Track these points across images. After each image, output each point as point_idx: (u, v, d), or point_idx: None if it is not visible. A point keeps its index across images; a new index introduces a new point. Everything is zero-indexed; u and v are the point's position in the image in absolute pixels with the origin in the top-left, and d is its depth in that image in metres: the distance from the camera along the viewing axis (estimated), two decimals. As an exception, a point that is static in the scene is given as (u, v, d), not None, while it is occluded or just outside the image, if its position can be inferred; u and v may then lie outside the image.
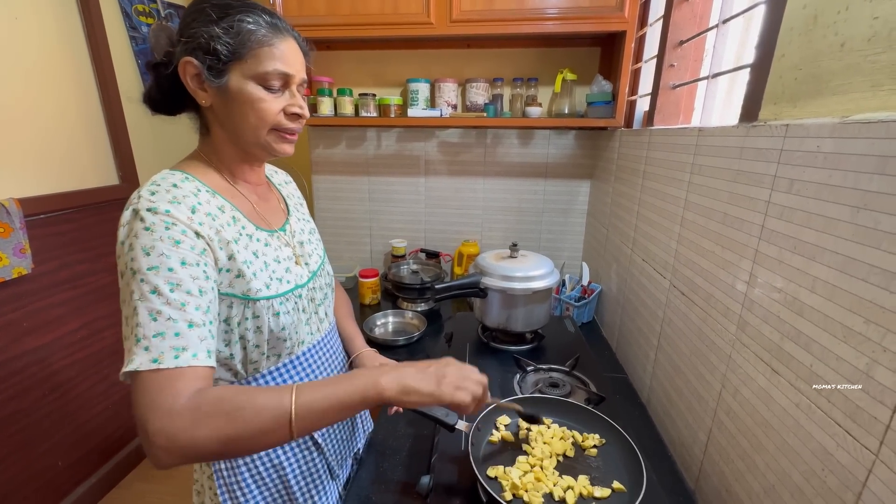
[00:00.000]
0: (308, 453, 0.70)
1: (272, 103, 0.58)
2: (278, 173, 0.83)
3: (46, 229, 1.44)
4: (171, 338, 0.48)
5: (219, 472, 0.65)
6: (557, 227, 1.76)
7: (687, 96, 1.11)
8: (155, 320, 0.48)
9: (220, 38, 0.54)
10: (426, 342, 1.34)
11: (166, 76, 0.58)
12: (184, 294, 0.50)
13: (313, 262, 0.73)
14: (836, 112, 0.54)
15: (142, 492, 1.72)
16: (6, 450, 1.34)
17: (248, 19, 0.55)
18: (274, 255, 0.65)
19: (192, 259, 0.51)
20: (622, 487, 0.62)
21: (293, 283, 0.66)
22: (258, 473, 0.66)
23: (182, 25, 0.57)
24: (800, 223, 0.56)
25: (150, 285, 0.48)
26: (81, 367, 1.59)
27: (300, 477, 0.69)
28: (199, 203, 0.56)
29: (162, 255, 0.49)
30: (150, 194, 0.53)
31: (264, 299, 0.60)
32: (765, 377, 0.62)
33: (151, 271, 0.49)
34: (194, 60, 0.55)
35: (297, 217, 0.77)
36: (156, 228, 0.50)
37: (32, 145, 1.40)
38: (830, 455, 0.50)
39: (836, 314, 0.50)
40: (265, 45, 0.56)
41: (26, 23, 1.37)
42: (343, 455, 0.77)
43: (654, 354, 1.01)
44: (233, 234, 0.59)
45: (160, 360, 0.47)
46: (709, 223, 0.79)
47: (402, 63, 1.65)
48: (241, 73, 0.56)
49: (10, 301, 1.34)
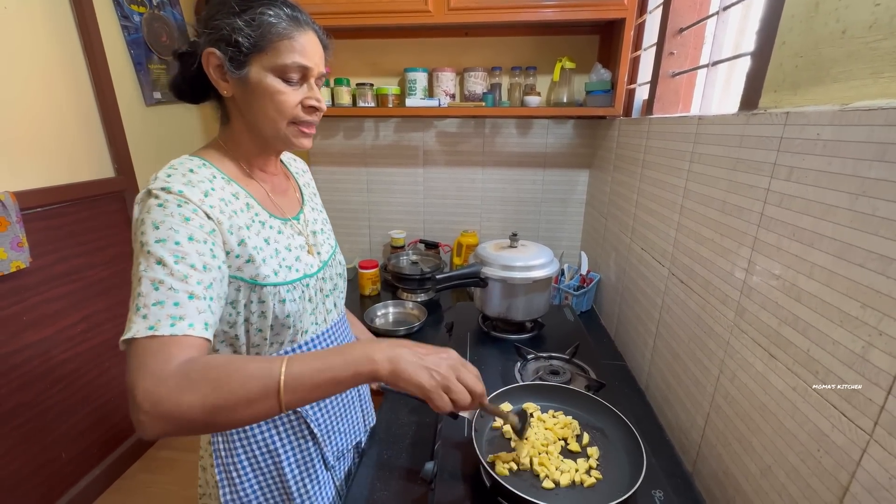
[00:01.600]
0: (304, 442, 0.70)
1: (290, 96, 0.59)
2: (297, 161, 0.85)
3: (43, 223, 1.42)
4: (170, 307, 0.47)
5: (217, 452, 0.66)
6: (556, 217, 1.77)
7: (686, 84, 1.11)
8: (157, 289, 0.48)
9: (241, 30, 0.56)
10: (427, 332, 1.35)
11: (190, 66, 0.60)
12: (187, 267, 0.50)
13: (325, 251, 0.74)
14: (837, 99, 0.54)
15: (145, 482, 1.73)
16: (10, 443, 1.35)
17: (270, 12, 0.57)
18: (286, 243, 0.66)
19: (200, 237, 0.52)
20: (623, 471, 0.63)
21: (302, 271, 0.66)
22: (254, 457, 0.67)
23: (206, 17, 0.59)
24: (799, 210, 0.57)
25: (156, 257, 0.49)
26: (82, 360, 1.59)
27: (294, 465, 0.69)
28: (212, 188, 0.57)
29: (171, 229, 0.50)
30: (167, 176, 0.55)
31: (271, 285, 0.61)
32: (762, 362, 0.63)
33: (159, 244, 0.49)
34: (217, 52, 0.57)
35: (312, 206, 0.78)
36: (168, 205, 0.51)
37: (26, 137, 1.38)
38: (826, 436, 0.51)
39: (833, 299, 0.51)
40: (285, 37, 0.57)
41: (15, 12, 1.34)
42: (340, 446, 0.77)
43: (652, 341, 1.03)
44: (245, 220, 0.60)
45: (156, 328, 0.46)
46: (708, 211, 0.79)
47: (399, 52, 1.63)
48: (261, 65, 0.57)
49: (9, 295, 1.33)
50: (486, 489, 0.63)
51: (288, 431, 0.69)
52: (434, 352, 0.54)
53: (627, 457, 0.66)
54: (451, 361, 0.54)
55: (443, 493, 0.64)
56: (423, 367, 0.51)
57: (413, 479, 0.76)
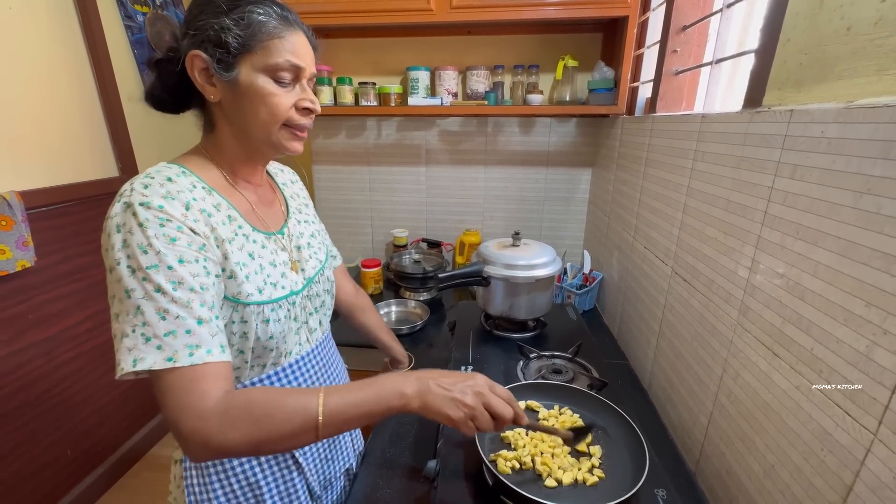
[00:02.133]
0: (287, 472, 0.66)
1: (283, 98, 0.57)
2: (284, 172, 0.80)
3: (48, 222, 1.43)
4: (183, 335, 0.48)
5: (190, 488, 0.62)
6: (559, 216, 1.76)
7: (690, 82, 1.11)
8: (164, 319, 0.48)
9: (230, 30, 0.53)
10: (429, 331, 1.35)
11: (170, 72, 0.57)
12: (187, 292, 0.49)
13: (310, 267, 0.70)
14: (841, 97, 0.54)
15: (150, 480, 1.74)
16: (15, 441, 1.36)
17: (259, 10, 0.54)
18: (270, 259, 0.62)
19: (190, 256, 0.50)
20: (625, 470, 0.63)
21: (288, 288, 0.63)
22: (231, 492, 0.63)
23: (188, 18, 0.56)
24: (803, 209, 0.57)
25: (153, 284, 0.48)
26: (87, 359, 1.60)
27: (277, 498, 0.65)
28: (193, 199, 0.54)
29: (159, 252, 0.48)
30: (143, 187, 0.51)
31: (255, 304, 0.57)
32: (766, 361, 0.63)
33: (151, 270, 0.48)
34: (202, 54, 0.54)
35: (298, 219, 0.73)
36: (149, 225, 0.48)
37: (30, 137, 1.39)
38: (829, 435, 0.51)
39: (837, 298, 0.51)
40: (276, 36, 0.55)
41: (20, 13, 1.35)
42: (327, 474, 0.73)
43: (655, 340, 1.03)
44: (227, 234, 0.57)
45: (175, 359, 0.47)
46: (711, 210, 0.79)
47: (401, 51, 1.63)
48: (252, 66, 0.55)
49: (14, 294, 1.34)
50: (489, 487, 0.63)
51: (270, 462, 0.65)
52: (462, 379, 0.55)
53: (630, 455, 0.66)
54: (478, 388, 0.55)
55: (445, 492, 0.64)
56: (451, 399, 0.53)
57: (416, 477, 0.77)
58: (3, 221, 1.24)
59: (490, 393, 0.55)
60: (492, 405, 0.54)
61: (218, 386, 0.49)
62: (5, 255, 1.26)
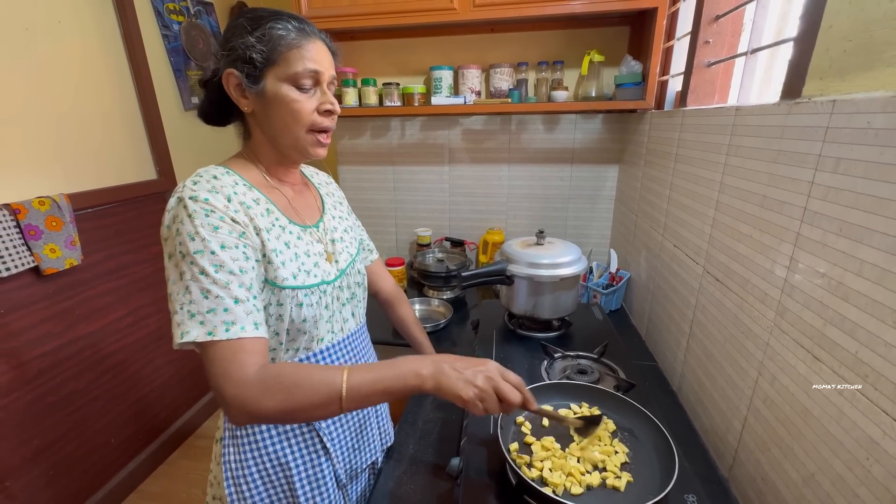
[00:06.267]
0: (316, 457, 0.71)
1: (305, 103, 0.62)
2: (319, 174, 0.87)
3: (93, 222, 1.52)
4: (221, 313, 0.54)
5: (227, 464, 0.68)
6: (584, 214, 1.73)
7: (723, 74, 1.06)
8: (206, 298, 0.53)
9: (254, 47, 0.60)
10: (452, 329, 1.36)
11: (213, 90, 0.65)
12: (227, 274, 0.55)
13: (343, 260, 0.75)
14: (890, 85, 0.50)
15: (186, 469, 1.83)
16: (66, 426, 1.46)
17: (278, 26, 0.60)
18: (305, 249, 0.68)
19: (231, 243, 0.57)
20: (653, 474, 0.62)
21: (320, 277, 0.68)
22: (265, 470, 0.68)
23: (223, 41, 0.63)
24: (847, 204, 0.54)
25: (199, 267, 0.54)
26: (129, 351, 1.69)
27: (305, 480, 0.70)
28: (235, 193, 0.61)
29: (204, 240, 0.55)
30: (193, 184, 0.59)
31: (290, 288, 0.63)
32: (805, 364, 0.60)
33: (198, 255, 0.54)
34: (235, 71, 0.61)
35: (333, 215, 0.79)
36: (197, 216, 0.55)
37: (79, 142, 1.48)
38: (876, 444, 0.48)
39: (885, 298, 0.48)
40: (294, 47, 0.60)
41: (68, 26, 1.43)
42: (353, 465, 0.77)
43: (685, 342, 0.99)
44: (265, 224, 0.63)
45: (214, 333, 0.53)
46: (746, 206, 0.76)
47: (425, 51, 1.64)
48: (276, 77, 0.61)
49: (64, 290, 1.43)
50: (512, 486, 0.62)
51: (300, 444, 0.70)
52: (473, 364, 0.59)
53: (658, 459, 0.64)
54: (489, 373, 0.58)
55: (469, 489, 0.65)
56: (463, 381, 0.56)
57: (439, 474, 0.77)
58: (54, 222, 1.33)
59: (500, 378, 0.58)
60: (501, 389, 0.57)
61: (255, 360, 0.54)
62: (55, 254, 1.34)
